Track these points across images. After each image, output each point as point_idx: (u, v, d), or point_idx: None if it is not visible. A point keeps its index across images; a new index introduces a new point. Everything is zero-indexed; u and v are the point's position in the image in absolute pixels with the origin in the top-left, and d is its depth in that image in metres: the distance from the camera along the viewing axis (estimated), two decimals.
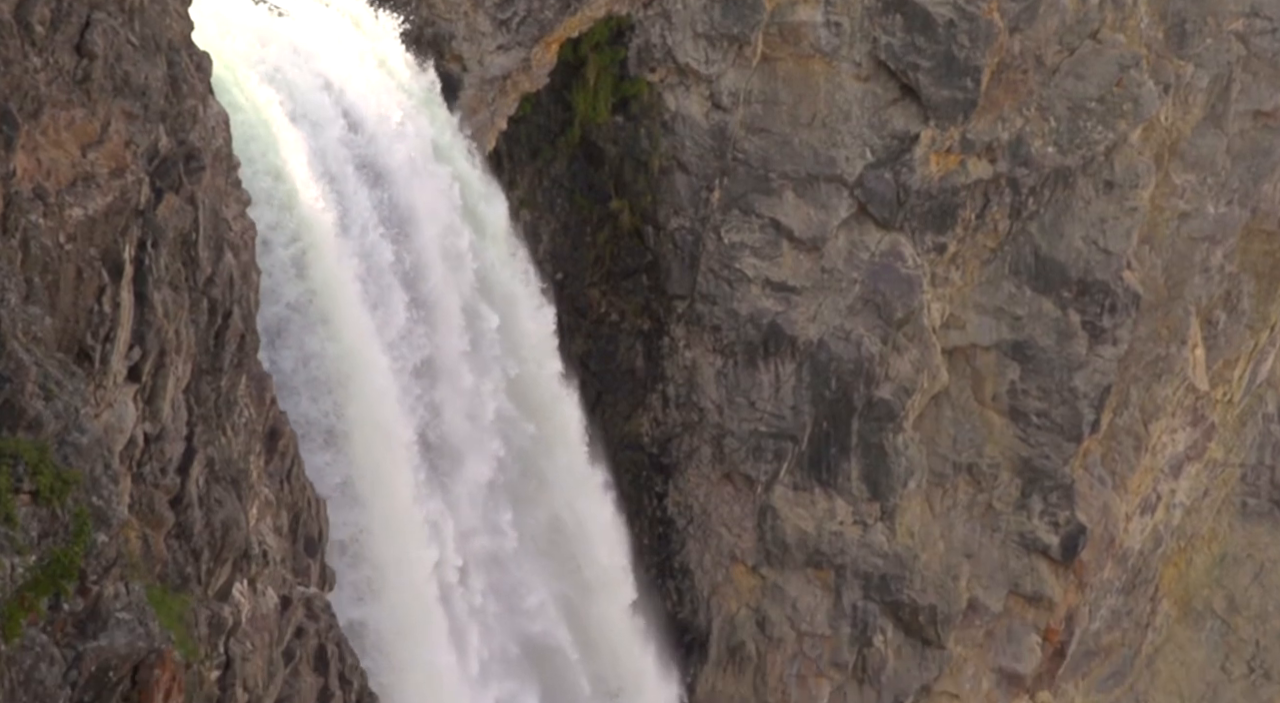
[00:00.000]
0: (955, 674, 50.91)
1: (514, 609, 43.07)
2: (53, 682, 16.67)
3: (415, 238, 39.12)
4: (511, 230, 44.16)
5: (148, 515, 22.65)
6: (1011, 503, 50.83)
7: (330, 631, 30.76)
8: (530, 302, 44.47)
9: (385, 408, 36.69)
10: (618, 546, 46.93)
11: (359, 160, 37.31)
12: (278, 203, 33.54)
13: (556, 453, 44.85)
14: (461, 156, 42.49)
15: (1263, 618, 55.40)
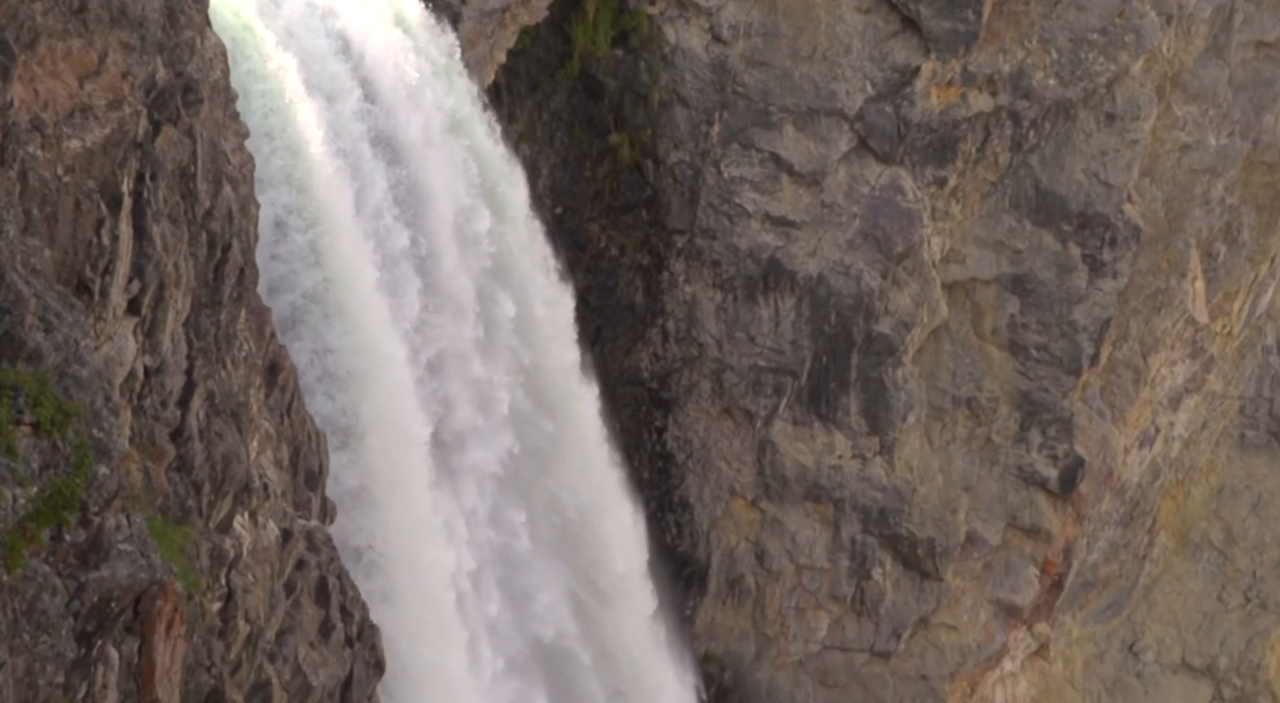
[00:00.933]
0: (953, 606, 51.17)
1: (527, 615, 42.31)
2: (55, 612, 16.76)
3: (431, 221, 38.21)
4: (532, 213, 43.17)
5: (148, 448, 22.70)
6: (1010, 436, 50.92)
7: (331, 563, 30.89)
8: (549, 290, 43.53)
9: (402, 406, 35.90)
10: (636, 552, 46.27)
11: (375, 136, 36.35)
12: (296, 183, 32.89)
13: (573, 451, 44.04)
14: (482, 131, 41.52)
15: (1260, 549, 55.62)
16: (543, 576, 42.89)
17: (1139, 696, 55.08)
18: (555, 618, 43.12)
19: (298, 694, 28.52)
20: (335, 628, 30.35)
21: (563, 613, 43.45)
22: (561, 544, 43.77)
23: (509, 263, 41.53)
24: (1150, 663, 55.30)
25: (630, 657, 45.64)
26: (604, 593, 44.91)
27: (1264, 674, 55.36)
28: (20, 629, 15.98)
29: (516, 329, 41.45)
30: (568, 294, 44.48)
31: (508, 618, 41.30)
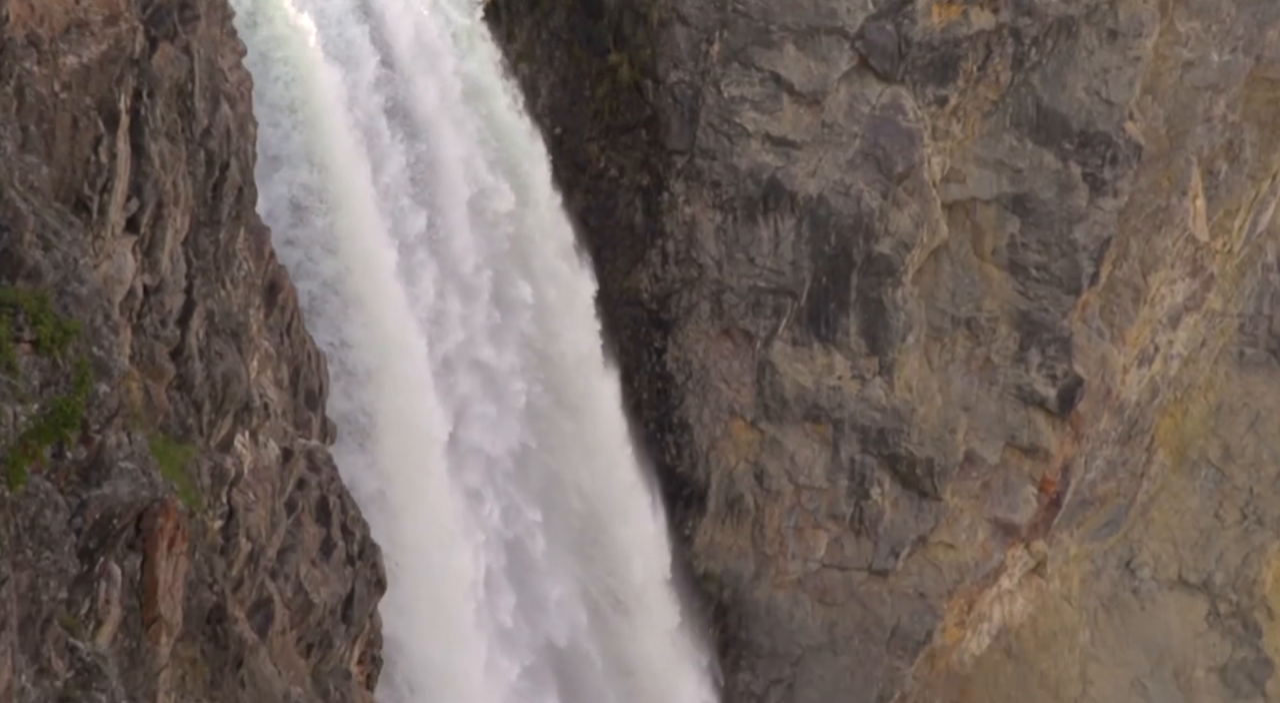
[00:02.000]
0: (951, 525, 51.39)
1: (542, 622, 41.62)
2: (58, 528, 16.81)
3: (449, 203, 37.09)
4: (554, 189, 41.88)
5: (149, 367, 22.71)
6: (1009, 356, 50.95)
7: (332, 483, 31.01)
8: (570, 276, 42.31)
9: (421, 404, 34.99)
10: (657, 560, 45.37)
11: (393, 107, 35.38)
12: (316, 162, 32.13)
13: (594, 453, 43.10)
14: (503, 102, 40.33)
15: (1257, 466, 55.79)
16: (559, 581, 42.01)
17: (1135, 612, 55.42)
18: (571, 625, 42.37)
19: (299, 611, 28.70)
20: (336, 546, 30.51)
21: (579, 620, 42.74)
22: (579, 548, 43.00)
23: (529, 248, 40.49)
24: (1146, 580, 55.62)
25: (650, 669, 44.84)
26: (622, 603, 44.10)
27: (1259, 590, 55.69)
28: (23, 545, 16.04)
29: (535, 318, 40.51)
30: (587, 278, 43.40)
31: (524, 627, 40.46)
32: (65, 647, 17.34)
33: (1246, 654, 55.57)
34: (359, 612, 30.92)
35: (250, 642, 25.67)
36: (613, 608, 44.15)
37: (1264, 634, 55.63)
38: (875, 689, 50.13)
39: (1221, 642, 55.59)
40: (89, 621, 18.16)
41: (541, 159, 41.55)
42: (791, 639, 50.28)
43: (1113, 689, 54.54)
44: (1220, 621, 55.63)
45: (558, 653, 42.15)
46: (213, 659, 23.85)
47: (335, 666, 30.31)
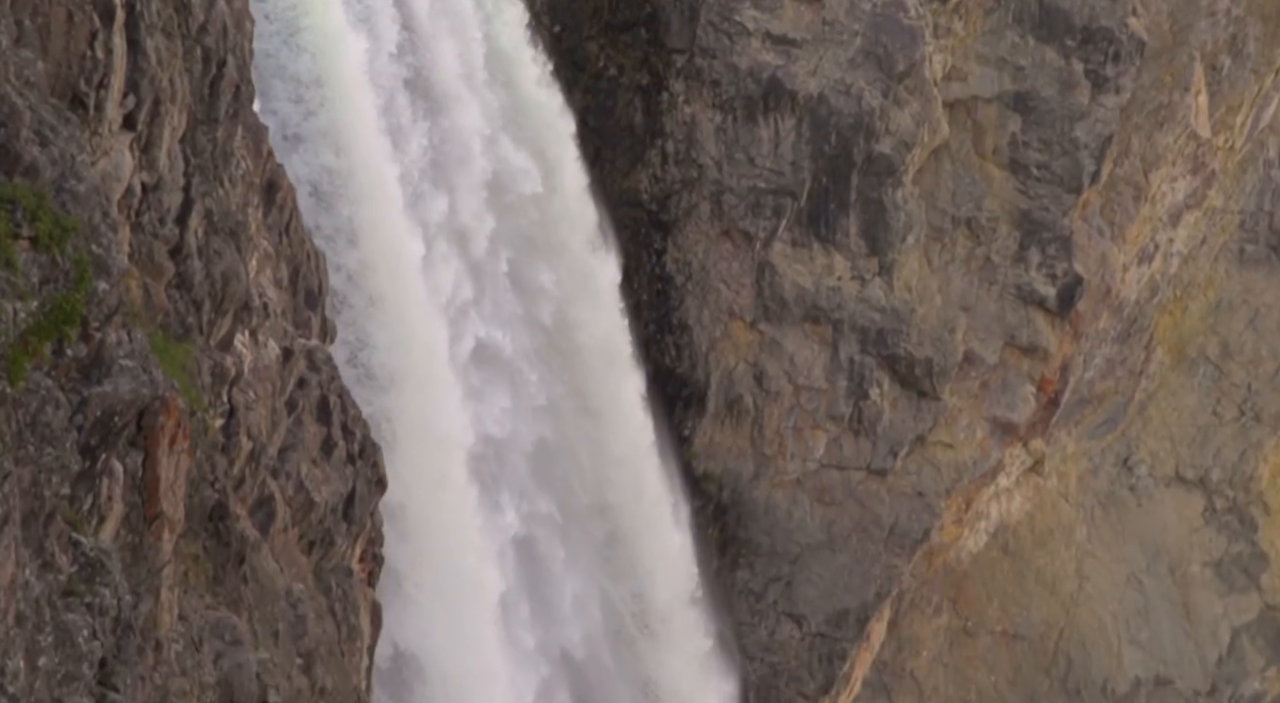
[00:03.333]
0: (950, 425, 51.55)
1: (562, 640, 40.31)
2: (59, 425, 16.86)
3: (471, 189, 35.57)
4: (581, 167, 40.10)
5: (148, 265, 22.69)
6: (1009, 256, 50.90)
7: (332, 382, 31.08)
8: (597, 269, 40.50)
9: (444, 410, 33.77)
10: (685, 577, 43.84)
11: (414, 80, 34.15)
12: (338, 147, 31.16)
13: (620, 464, 41.67)
14: (527, 72, 38.74)
15: (1255, 362, 55.90)
16: (580, 597, 40.72)
17: (1132, 509, 55.76)
18: (590, 643, 41.20)
19: (301, 510, 28.88)
20: (337, 446, 30.64)
21: (600, 638, 41.60)
22: (601, 563, 41.72)
23: (554, 237, 39.00)
24: (1144, 477, 55.90)
25: (675, 693, 43.39)
26: (646, 623, 42.78)
27: (1256, 485, 56.01)
28: (24, 441, 16.09)
29: (557, 313, 39.06)
30: (612, 265, 41.62)
31: (544, 645, 39.24)
32: (68, 542, 17.46)
33: (1242, 549, 55.96)
34: (360, 510, 31.10)
35: (252, 539, 25.85)
36: (638, 630, 42.90)
37: (1259, 529, 56.02)
38: (873, 587, 50.48)
39: (1217, 537, 55.97)
40: (91, 516, 18.27)
41: (570, 138, 40.00)
42: (790, 538, 50.55)
43: (1109, 585, 54.98)
44: (1216, 516, 55.99)
45: (576, 668, 41.00)
46: (215, 556, 24.03)
47: (337, 563, 30.55)
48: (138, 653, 18.79)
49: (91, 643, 17.35)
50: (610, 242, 43.10)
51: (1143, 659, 54.87)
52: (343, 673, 29.26)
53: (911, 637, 52.97)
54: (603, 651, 42.08)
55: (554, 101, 40.01)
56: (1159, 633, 55.17)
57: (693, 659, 45.12)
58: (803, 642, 49.93)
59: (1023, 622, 54.24)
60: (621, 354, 42.67)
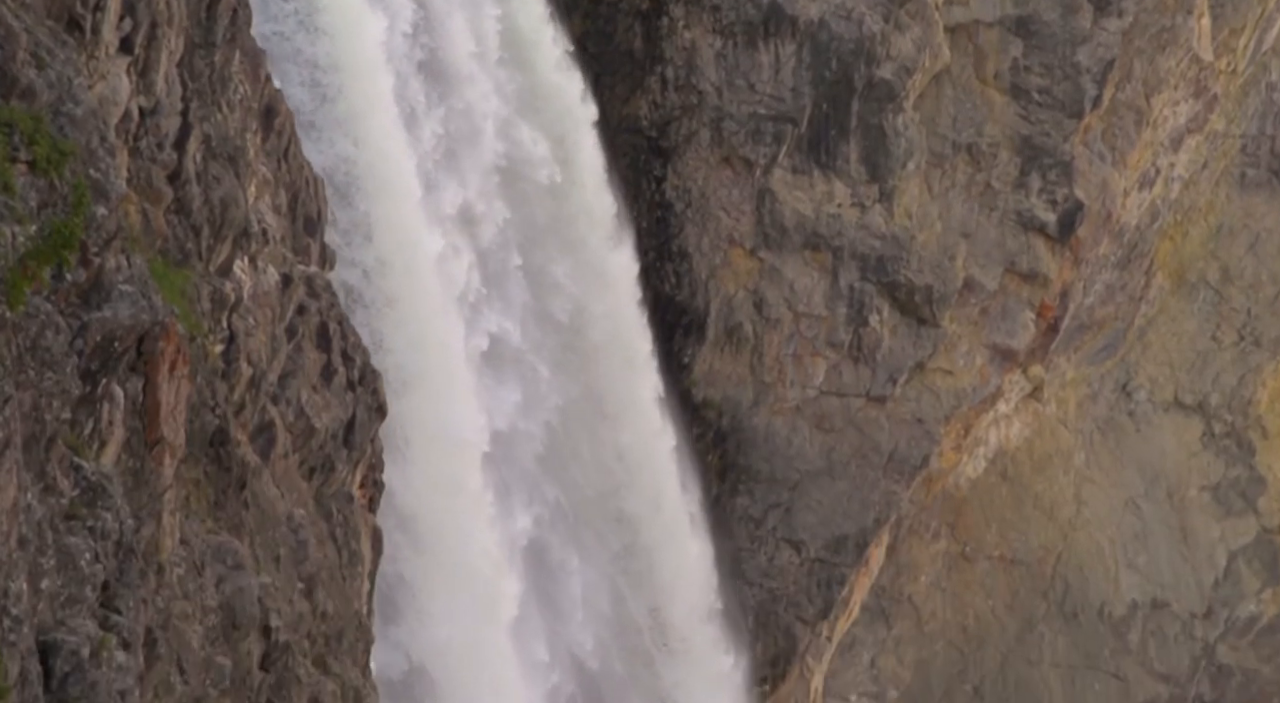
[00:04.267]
0: (949, 352, 51.58)
1: (576, 653, 39.16)
2: (59, 349, 16.87)
3: (486, 177, 34.71)
4: (605, 164, 38.62)
5: (146, 190, 22.63)
6: (1010, 182, 50.78)
7: (331, 309, 31.06)
8: (617, 267, 38.93)
9: (460, 413, 32.77)
10: (703, 591, 42.59)
11: (428, 67, 33.07)
12: (356, 137, 30.35)
13: (634, 466, 40.34)
14: (546, 55, 37.56)
15: (1255, 287, 55.88)
16: (595, 612, 39.59)
17: (1130, 434, 55.90)
18: (606, 657, 40.06)
19: (301, 435, 28.95)
20: (337, 372, 30.66)
21: (615, 653, 40.44)
22: (619, 576, 40.62)
23: (571, 231, 37.71)
24: (1143, 402, 55.99)
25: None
26: (665, 640, 41.49)
27: (1254, 410, 56.11)
28: (25, 365, 16.11)
29: (574, 312, 37.95)
30: (630, 261, 39.94)
31: (558, 659, 38.14)
32: (70, 466, 17.51)
33: (1240, 473, 56.15)
34: (360, 437, 31.16)
35: (253, 465, 25.93)
36: (655, 646, 41.64)
37: (1257, 453, 56.18)
38: (872, 513, 50.67)
39: (1215, 461, 56.15)
40: (92, 441, 18.32)
41: (590, 126, 38.71)
42: (789, 465, 50.67)
43: (1106, 510, 55.22)
44: (1215, 441, 56.13)
45: (590, 682, 39.90)
46: (216, 481, 24.11)
47: (337, 489, 30.65)
48: (140, 577, 18.89)
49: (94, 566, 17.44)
50: (628, 234, 42.16)
51: (1139, 583, 55.19)
52: (344, 598, 29.42)
53: (910, 562, 53.25)
54: (617, 664, 41.14)
55: (574, 87, 38.87)
56: (1156, 557, 55.46)
57: (711, 674, 44.27)
58: (802, 567, 50.16)
59: (1020, 547, 54.52)
60: (640, 353, 41.66)
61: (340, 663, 28.00)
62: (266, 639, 24.08)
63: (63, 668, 16.18)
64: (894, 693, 52.58)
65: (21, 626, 15.23)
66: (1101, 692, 54.22)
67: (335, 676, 27.38)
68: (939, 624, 53.39)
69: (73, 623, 16.71)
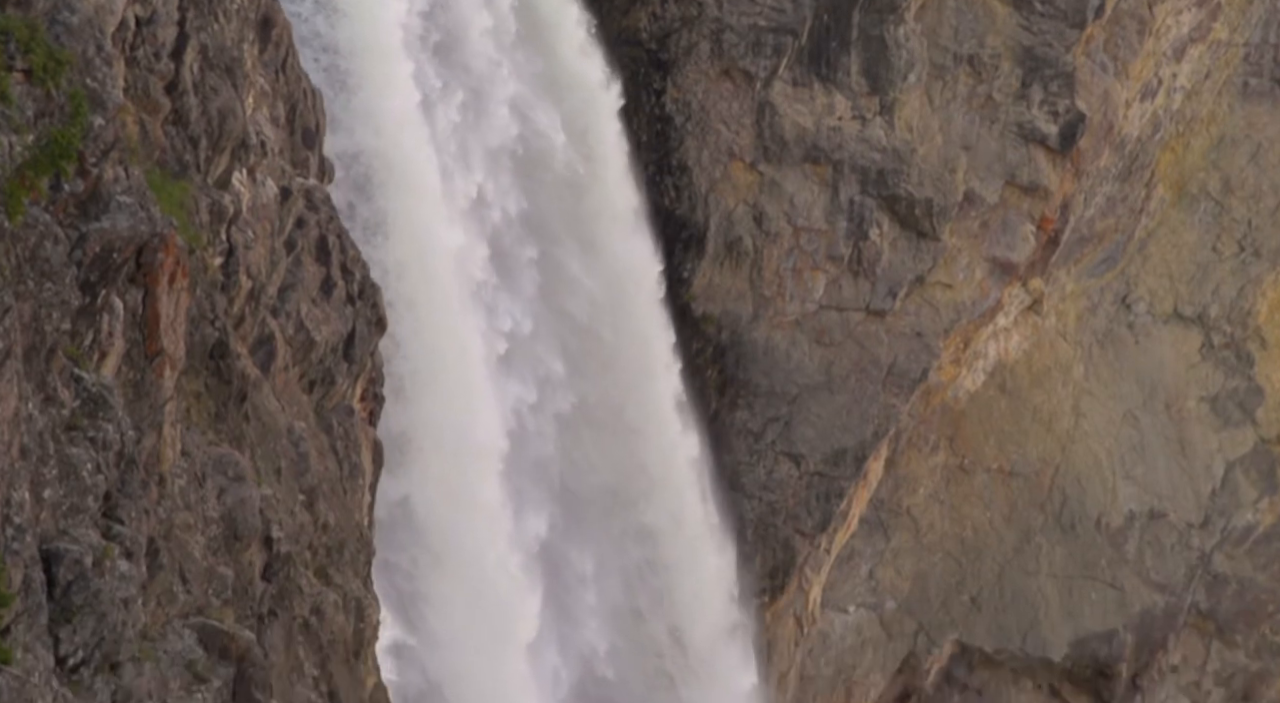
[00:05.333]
0: (949, 265, 51.53)
1: (593, 673, 38.04)
2: (58, 260, 16.87)
3: (500, 170, 33.55)
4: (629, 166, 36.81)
5: (143, 101, 22.51)
6: (1011, 94, 50.54)
7: (331, 222, 30.99)
8: (640, 265, 37.40)
9: (476, 420, 31.63)
10: (723, 609, 41.24)
11: (443, 47, 32.12)
12: (374, 127, 29.55)
13: (656, 478, 39.05)
14: (567, 38, 36.20)
15: (1257, 197, 55.71)
16: (612, 629, 38.53)
17: (1129, 346, 55.94)
18: (625, 680, 38.92)
19: (301, 349, 28.96)
20: (336, 286, 30.63)
21: (633, 673, 39.31)
22: (638, 591, 39.22)
23: (593, 226, 36.38)
24: (1142, 314, 56.00)
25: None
26: (685, 660, 40.36)
27: (1253, 321, 56.11)
28: (25, 276, 16.12)
29: (594, 311, 36.78)
30: (650, 252, 38.24)
31: (575, 680, 37.10)
32: (70, 377, 17.56)
33: (1238, 384, 56.24)
34: (360, 350, 31.18)
35: (253, 377, 25.97)
36: (675, 668, 40.40)
37: (1256, 364, 56.23)
38: (870, 426, 50.82)
39: (1214, 373, 56.21)
40: (93, 352, 18.35)
41: (614, 115, 37.24)
42: (789, 379, 50.74)
43: (1104, 422, 55.36)
44: (1214, 352, 56.19)
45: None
46: (217, 394, 24.16)
47: (338, 402, 30.70)
48: (141, 487, 18.99)
49: (95, 477, 17.53)
50: (648, 228, 40.93)
51: (1137, 494, 55.44)
52: (345, 510, 29.56)
53: (908, 475, 53.45)
54: (636, 685, 40.25)
55: (596, 73, 37.61)
56: (1154, 468, 55.67)
57: (731, 693, 43.37)
58: (801, 481, 50.37)
59: (1019, 459, 54.71)
60: (660, 351, 40.45)
61: (342, 574, 28.18)
62: (268, 550, 24.23)
63: (66, 577, 16.31)
64: (892, 604, 52.96)
65: (25, 535, 15.33)
66: (1098, 601, 54.61)
67: (337, 586, 27.57)
68: (937, 536, 53.69)
69: (75, 532, 16.82)
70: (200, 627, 20.48)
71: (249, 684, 21.05)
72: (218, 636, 20.76)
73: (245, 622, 22.36)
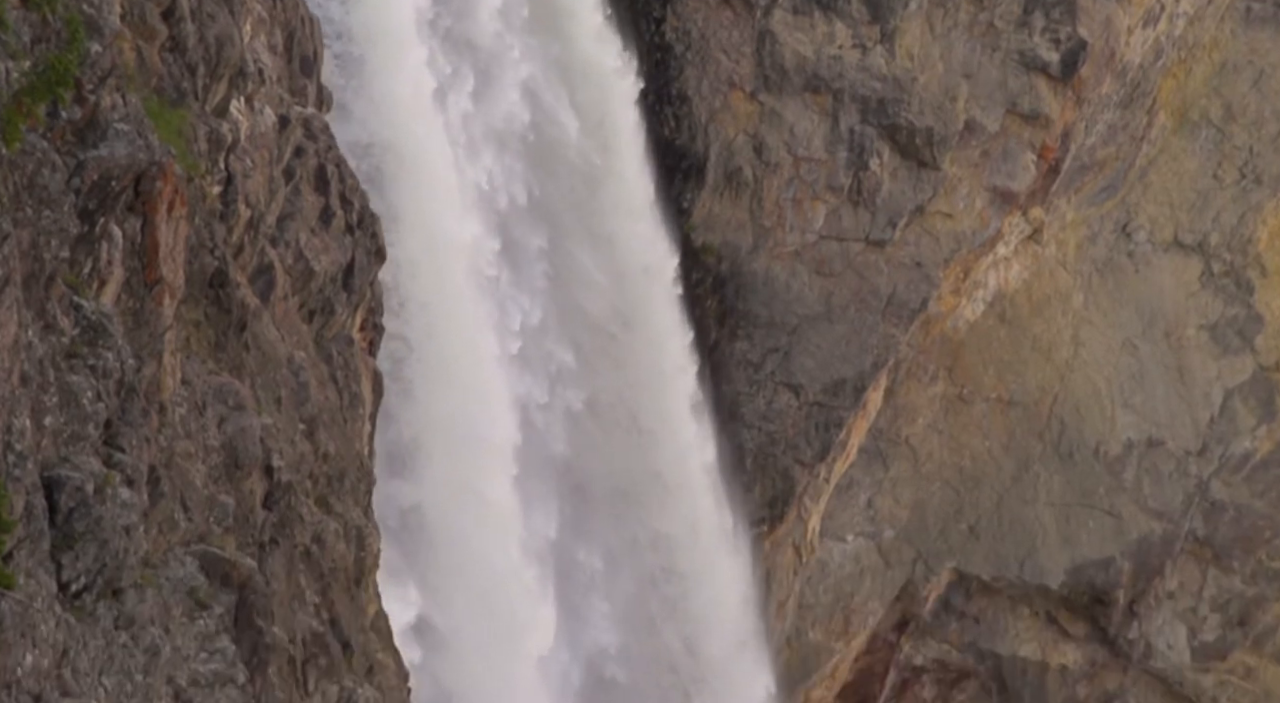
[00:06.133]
0: (949, 195, 51.44)
1: (607, 687, 37.46)
2: (56, 187, 16.84)
3: (512, 161, 32.86)
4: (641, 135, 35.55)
5: (140, 27, 22.38)
6: (1013, 21, 50.29)
7: (329, 151, 30.93)
8: (658, 261, 36.32)
9: (490, 420, 31.01)
10: (739, 624, 40.73)
11: (453, 37, 31.24)
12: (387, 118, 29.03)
13: (670, 485, 38.13)
14: (584, 22, 34.97)
15: (1258, 124, 55.50)
16: (626, 642, 37.97)
17: (1129, 275, 55.92)
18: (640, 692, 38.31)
19: (300, 278, 28.97)
20: (335, 215, 30.61)
21: (648, 687, 38.74)
22: (651, 601, 38.48)
23: (609, 218, 35.47)
24: (1142, 243, 55.93)
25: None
26: (700, 674, 39.54)
27: (1254, 248, 56.04)
28: (22, 203, 16.09)
29: (612, 312, 36.18)
30: (667, 247, 37.03)
31: (589, 693, 36.48)
32: (69, 305, 17.57)
33: (1238, 312, 56.24)
34: (360, 280, 31.19)
35: (253, 307, 25.98)
36: (690, 682, 39.82)
37: (1256, 292, 56.21)
38: (870, 357, 50.88)
39: (1214, 300, 56.20)
40: (92, 280, 18.36)
41: (631, 103, 36.15)
42: (788, 309, 50.74)
43: (1103, 350, 55.42)
44: (1213, 280, 56.16)
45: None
46: (216, 323, 24.18)
47: (337, 332, 30.74)
48: (142, 416, 19.04)
49: (96, 405, 17.57)
50: (667, 222, 40.08)
51: (1135, 422, 55.57)
52: (345, 439, 29.65)
53: (907, 405, 53.55)
54: (649, 691, 39.75)
55: (612, 59, 36.72)
56: (1152, 396, 55.78)
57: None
58: (800, 411, 50.46)
59: (1018, 389, 54.80)
60: (676, 351, 39.68)
61: (342, 503, 28.30)
62: (269, 479, 24.32)
63: (67, 504, 16.38)
64: (890, 532, 53.20)
65: (26, 462, 15.38)
66: (1095, 529, 54.85)
67: (338, 515, 27.69)
68: (935, 465, 53.85)
69: (76, 460, 16.88)
70: (202, 554, 20.59)
71: (251, 611, 21.18)
72: (219, 563, 20.87)
73: (246, 550, 22.48)
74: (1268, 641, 56.07)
